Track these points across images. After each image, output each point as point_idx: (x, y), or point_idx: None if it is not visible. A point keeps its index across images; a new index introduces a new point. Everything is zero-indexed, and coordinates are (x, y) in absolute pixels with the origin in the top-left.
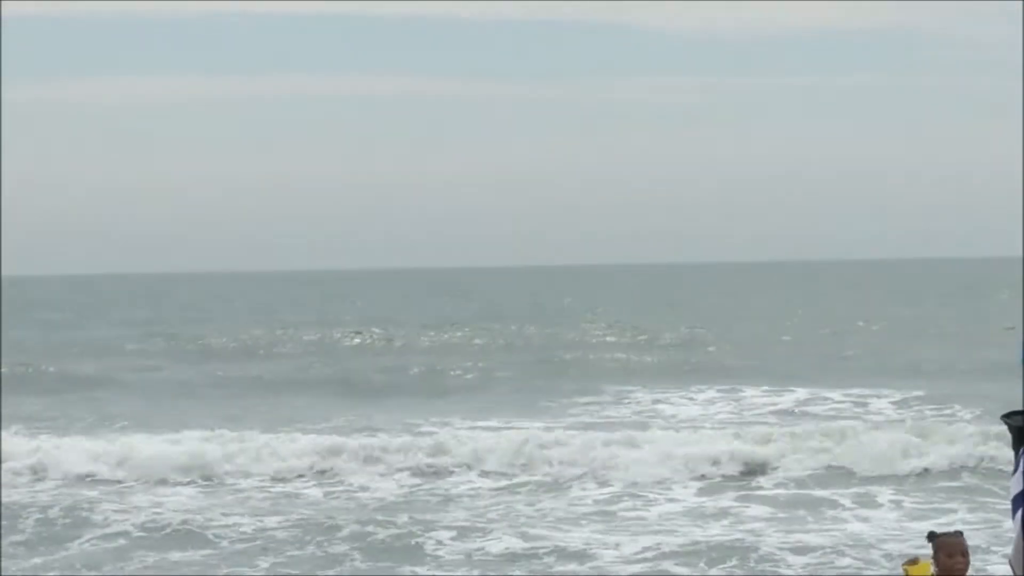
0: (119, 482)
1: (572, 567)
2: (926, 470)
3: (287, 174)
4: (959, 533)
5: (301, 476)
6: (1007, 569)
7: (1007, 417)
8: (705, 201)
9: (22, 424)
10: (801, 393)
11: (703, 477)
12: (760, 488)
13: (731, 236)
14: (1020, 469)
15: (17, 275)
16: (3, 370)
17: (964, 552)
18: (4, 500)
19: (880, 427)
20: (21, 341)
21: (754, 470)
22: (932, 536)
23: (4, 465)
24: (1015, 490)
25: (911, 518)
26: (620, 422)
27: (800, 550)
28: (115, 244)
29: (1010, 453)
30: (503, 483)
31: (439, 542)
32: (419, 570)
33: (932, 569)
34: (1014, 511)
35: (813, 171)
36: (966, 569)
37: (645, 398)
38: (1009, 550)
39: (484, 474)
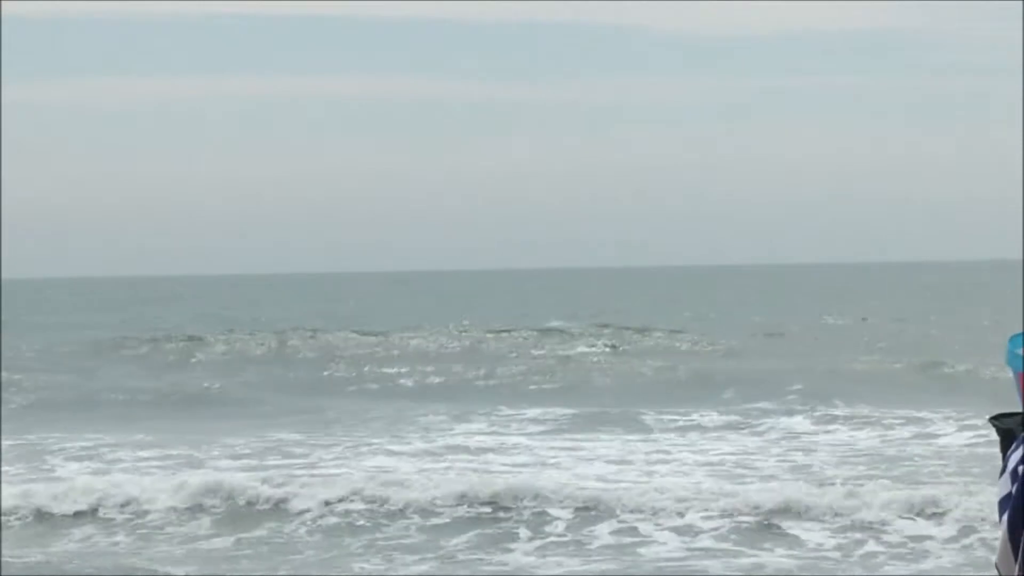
0: None
1: None
2: None
3: (288, 174)
4: None
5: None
6: None
7: (995, 419)
8: (704, 201)
9: None
10: None
11: None
12: None
13: (730, 238)
14: (1007, 472)
15: (16, 277)
16: None
17: None
18: None
19: None
20: None
21: None
22: None
23: None
24: (1001, 493)
25: None
26: None
27: None
28: (115, 246)
29: None
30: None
31: None
32: None
33: None
34: (1000, 514)
35: (811, 171)
36: None
37: None
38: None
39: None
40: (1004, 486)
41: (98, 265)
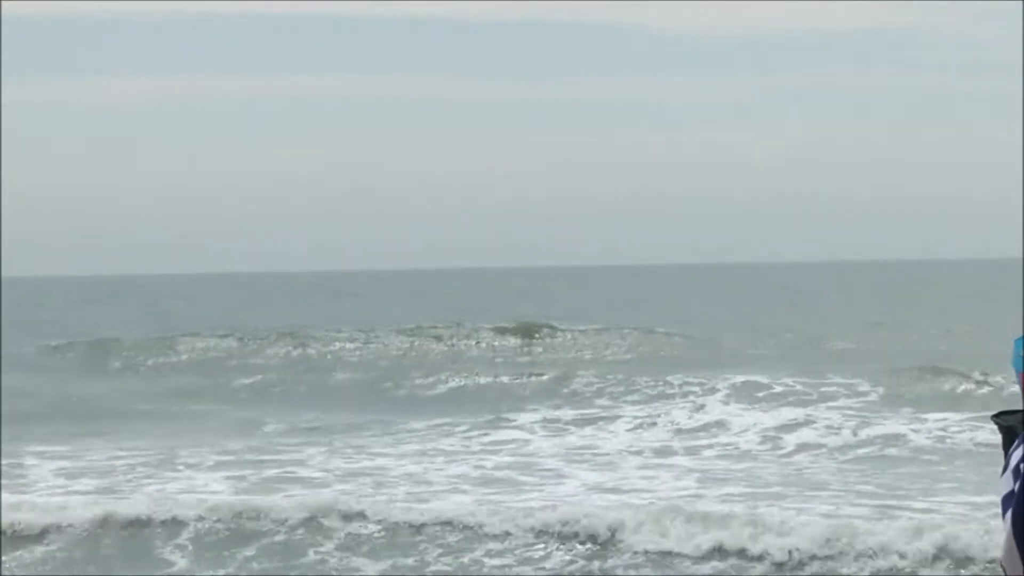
0: None
1: None
2: None
3: (288, 174)
4: None
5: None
6: None
7: (996, 417)
8: (704, 201)
9: None
10: None
11: None
12: None
13: (730, 238)
14: (1009, 468)
15: (16, 276)
16: None
17: None
18: None
19: None
20: None
21: None
22: None
23: None
24: (1004, 490)
25: None
26: None
27: None
28: (114, 245)
29: None
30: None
31: None
32: None
33: None
34: (1003, 511)
35: (808, 172)
36: None
37: None
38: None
39: None
40: (1006, 483)
41: (98, 265)
